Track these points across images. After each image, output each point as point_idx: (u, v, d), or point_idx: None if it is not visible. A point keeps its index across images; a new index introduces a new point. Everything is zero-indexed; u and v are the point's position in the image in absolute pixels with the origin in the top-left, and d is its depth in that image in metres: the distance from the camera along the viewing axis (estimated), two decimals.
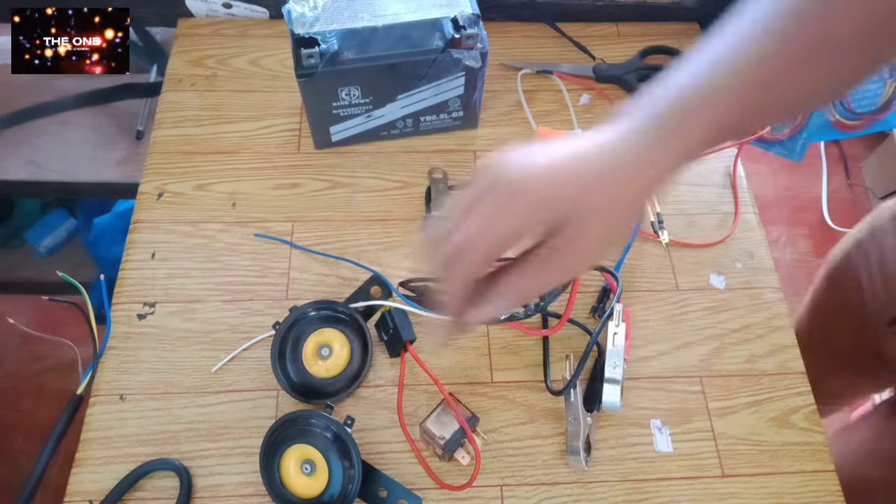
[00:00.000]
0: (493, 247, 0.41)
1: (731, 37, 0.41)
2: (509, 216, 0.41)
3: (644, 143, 0.41)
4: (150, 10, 0.87)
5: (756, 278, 0.73)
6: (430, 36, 0.68)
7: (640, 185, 0.41)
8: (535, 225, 0.42)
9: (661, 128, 0.41)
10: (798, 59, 0.39)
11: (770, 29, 0.39)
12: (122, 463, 0.59)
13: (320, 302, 0.65)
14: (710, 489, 0.61)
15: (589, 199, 0.41)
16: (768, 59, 0.39)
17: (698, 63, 0.41)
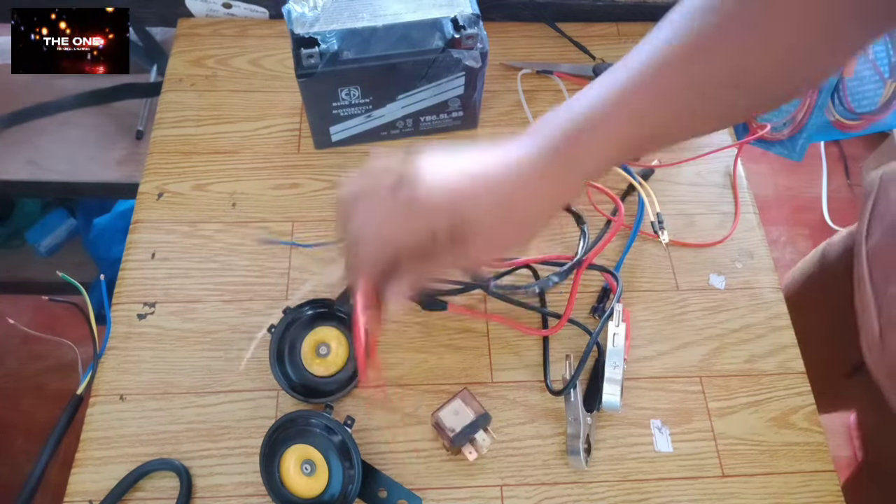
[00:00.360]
0: (380, 248, 0.46)
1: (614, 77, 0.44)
2: (401, 226, 0.45)
3: (540, 171, 0.45)
4: (150, 10, 0.87)
5: (756, 278, 0.73)
6: (430, 36, 0.68)
7: (531, 211, 0.47)
8: (424, 236, 0.45)
9: (556, 154, 0.45)
10: (664, 96, 0.44)
11: (643, 72, 0.43)
12: (122, 463, 0.59)
13: (315, 301, 0.65)
14: (709, 489, 0.61)
15: (480, 222, 0.45)
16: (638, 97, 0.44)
17: (589, 96, 0.45)
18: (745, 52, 0.42)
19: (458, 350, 0.66)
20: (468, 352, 0.67)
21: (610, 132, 0.44)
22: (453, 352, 0.66)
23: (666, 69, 0.43)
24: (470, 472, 0.61)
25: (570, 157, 0.44)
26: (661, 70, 0.43)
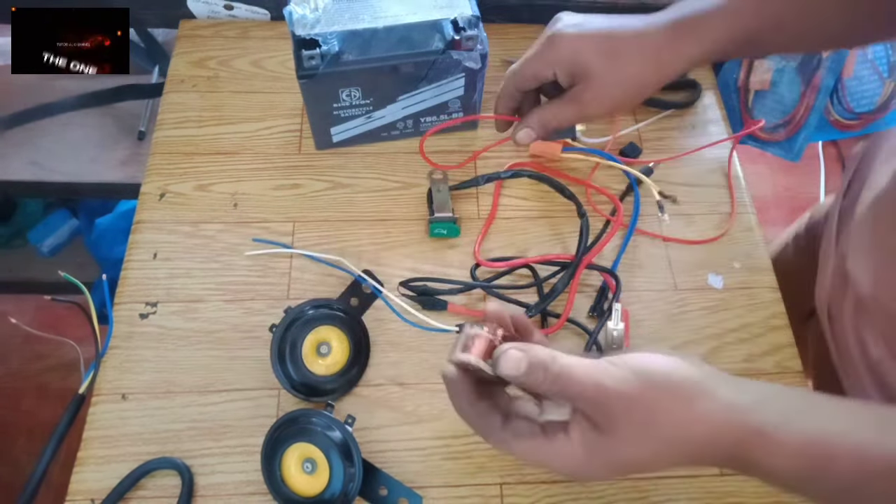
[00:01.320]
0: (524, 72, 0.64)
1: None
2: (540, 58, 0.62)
3: (657, 36, 0.59)
4: (152, 12, 0.87)
5: (754, 278, 0.73)
6: (430, 37, 0.69)
7: (645, 66, 0.60)
8: (548, 72, 0.62)
9: (677, 29, 0.59)
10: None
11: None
12: (124, 462, 0.60)
13: (316, 300, 0.65)
14: (708, 488, 0.62)
15: (594, 67, 0.60)
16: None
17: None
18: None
19: None
20: None
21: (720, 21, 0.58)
22: None
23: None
24: (470, 471, 0.61)
25: (687, 29, 0.58)
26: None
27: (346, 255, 0.70)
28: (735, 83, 0.86)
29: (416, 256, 0.72)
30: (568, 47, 0.61)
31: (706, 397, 0.41)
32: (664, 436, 0.41)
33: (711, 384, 0.41)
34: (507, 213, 0.75)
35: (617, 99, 0.63)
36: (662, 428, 0.41)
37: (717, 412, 0.41)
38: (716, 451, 0.42)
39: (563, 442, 0.42)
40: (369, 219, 0.74)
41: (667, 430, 0.41)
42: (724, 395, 0.41)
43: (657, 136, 0.82)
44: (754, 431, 0.40)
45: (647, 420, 0.41)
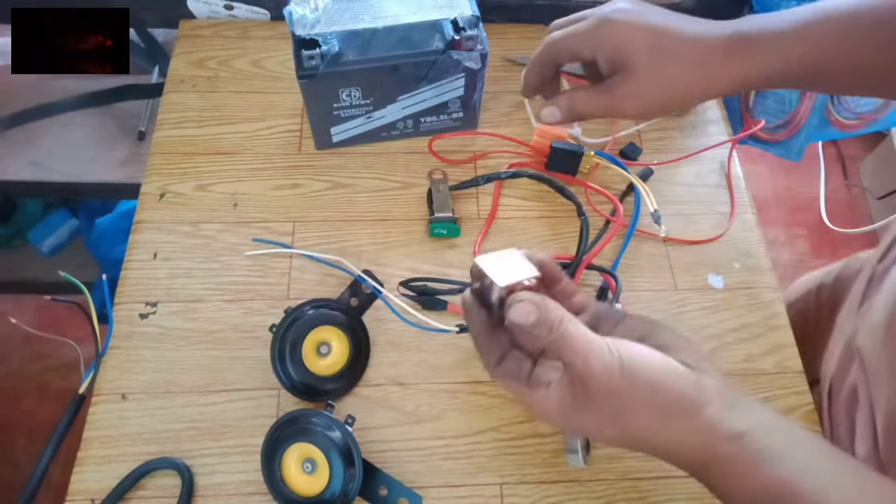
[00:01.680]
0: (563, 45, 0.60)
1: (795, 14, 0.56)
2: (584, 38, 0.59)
3: (718, 49, 0.56)
4: (152, 12, 0.87)
5: (754, 278, 0.73)
6: (430, 37, 0.69)
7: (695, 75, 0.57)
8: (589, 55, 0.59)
9: (735, 43, 0.56)
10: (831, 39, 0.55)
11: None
12: (124, 462, 0.60)
13: (316, 301, 0.65)
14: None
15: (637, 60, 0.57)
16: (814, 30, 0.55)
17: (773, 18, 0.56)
18: None
19: (458, 349, 0.67)
20: (468, 351, 0.67)
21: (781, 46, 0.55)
22: (453, 350, 0.67)
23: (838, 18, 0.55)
24: (470, 471, 0.61)
25: (746, 45, 0.55)
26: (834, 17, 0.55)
27: (346, 255, 0.70)
28: None
29: (416, 256, 0.72)
30: (616, 34, 0.57)
31: (687, 415, 0.42)
32: (627, 433, 0.43)
33: (698, 401, 0.42)
34: (507, 214, 0.75)
35: (653, 101, 0.59)
36: (628, 426, 0.42)
37: (690, 432, 0.42)
38: (678, 461, 0.43)
39: (543, 391, 0.43)
40: (369, 219, 0.74)
41: (631, 429, 0.43)
42: (709, 416, 0.41)
43: (657, 136, 0.82)
44: (725, 461, 0.41)
45: (617, 414, 0.42)
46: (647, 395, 0.41)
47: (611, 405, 0.42)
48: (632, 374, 0.41)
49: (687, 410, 0.41)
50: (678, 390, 0.42)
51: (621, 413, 0.42)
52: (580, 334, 0.42)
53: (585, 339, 0.42)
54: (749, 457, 0.41)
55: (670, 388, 0.42)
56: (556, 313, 0.42)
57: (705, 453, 0.42)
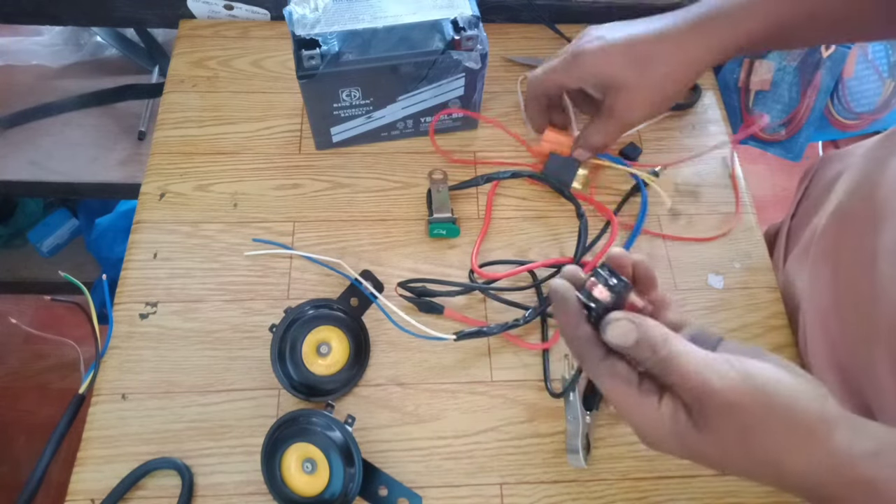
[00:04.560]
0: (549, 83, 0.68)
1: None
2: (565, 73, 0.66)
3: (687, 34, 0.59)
4: (152, 12, 0.87)
5: (754, 278, 0.73)
6: (430, 37, 0.69)
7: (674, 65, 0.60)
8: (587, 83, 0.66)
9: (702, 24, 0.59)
10: None
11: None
12: (124, 462, 0.60)
13: (316, 301, 0.65)
14: (708, 487, 0.62)
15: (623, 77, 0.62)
16: None
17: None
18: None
19: (458, 349, 0.67)
20: (468, 351, 0.67)
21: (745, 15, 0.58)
22: (453, 350, 0.67)
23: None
24: (470, 471, 0.61)
25: (711, 23, 0.58)
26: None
27: (346, 255, 0.70)
28: (735, 83, 0.86)
29: (415, 256, 0.72)
30: (592, 63, 0.63)
31: (818, 437, 0.38)
32: (755, 455, 0.39)
33: (829, 424, 0.39)
34: (507, 214, 0.75)
35: (653, 103, 0.65)
36: (756, 448, 0.39)
37: (825, 456, 0.38)
38: (807, 490, 0.39)
39: (653, 407, 0.40)
40: (369, 219, 0.74)
41: (760, 452, 0.39)
42: (840, 439, 0.38)
43: (657, 136, 0.82)
44: (863, 483, 0.38)
45: (744, 434, 0.38)
46: (782, 413, 0.38)
47: (735, 424, 0.38)
48: (761, 390, 0.38)
49: (822, 432, 0.38)
50: (812, 410, 0.38)
51: (749, 432, 0.38)
52: (689, 351, 0.39)
53: (697, 357, 0.38)
54: (890, 474, 0.38)
55: (805, 408, 0.38)
56: (657, 331, 0.39)
57: (843, 477, 0.38)
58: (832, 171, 0.74)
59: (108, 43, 1.14)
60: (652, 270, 0.45)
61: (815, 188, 0.78)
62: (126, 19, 0.89)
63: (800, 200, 0.80)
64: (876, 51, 0.81)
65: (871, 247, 0.57)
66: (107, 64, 1.14)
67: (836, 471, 0.38)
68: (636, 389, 0.41)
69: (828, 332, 0.64)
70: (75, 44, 1.15)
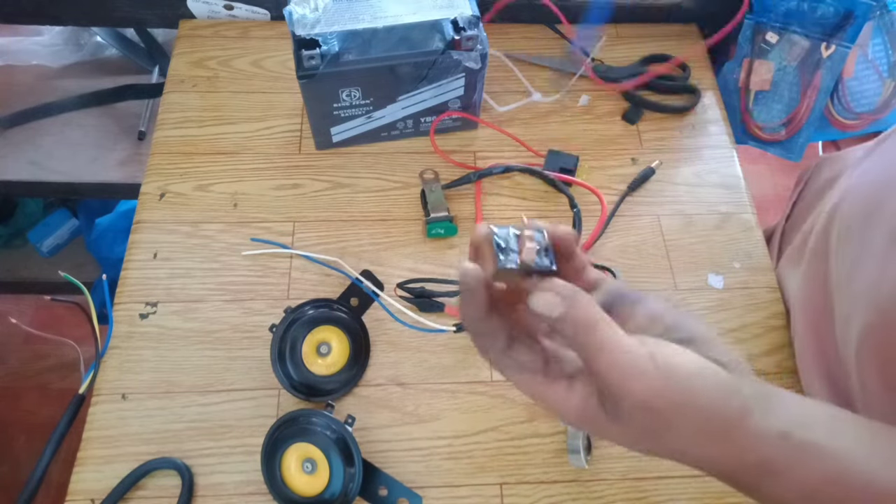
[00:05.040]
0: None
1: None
2: None
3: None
4: (152, 12, 0.87)
5: (754, 278, 0.73)
6: (430, 37, 0.69)
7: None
8: None
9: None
10: None
11: None
12: (124, 462, 0.60)
13: (316, 301, 0.65)
14: (708, 487, 0.62)
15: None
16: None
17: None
18: None
19: (458, 349, 0.67)
20: (468, 351, 0.67)
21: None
22: (453, 350, 0.67)
23: None
24: (470, 471, 0.61)
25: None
26: None
27: (346, 256, 0.70)
28: (735, 83, 0.86)
29: (415, 256, 0.72)
30: None
31: (730, 429, 0.37)
32: (663, 448, 0.38)
33: (743, 412, 0.37)
34: (500, 208, 0.75)
35: None
36: (665, 443, 0.38)
37: (733, 443, 0.37)
38: (717, 472, 0.39)
39: (562, 392, 0.38)
40: (369, 219, 0.74)
41: (668, 446, 0.38)
42: (749, 424, 0.37)
43: (657, 136, 0.82)
44: (766, 464, 0.38)
45: (653, 431, 0.37)
46: (691, 415, 0.36)
47: (646, 423, 0.37)
48: (680, 389, 0.36)
49: (732, 422, 0.37)
50: (723, 406, 0.37)
51: (658, 432, 0.37)
52: (615, 343, 0.36)
53: (621, 349, 0.36)
54: (795, 455, 0.37)
55: (717, 407, 0.37)
56: (588, 312, 0.36)
57: (749, 461, 0.38)
58: (827, 175, 0.75)
59: (108, 43, 1.14)
60: (573, 238, 0.41)
61: (809, 191, 0.78)
62: (126, 19, 0.89)
63: (794, 203, 0.79)
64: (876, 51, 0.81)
65: (858, 251, 0.57)
66: (107, 64, 1.14)
67: (741, 456, 0.38)
68: (542, 377, 0.39)
69: (818, 336, 0.64)
70: (75, 44, 1.15)
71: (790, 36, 0.80)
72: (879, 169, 0.60)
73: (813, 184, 0.77)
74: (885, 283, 0.53)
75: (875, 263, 0.55)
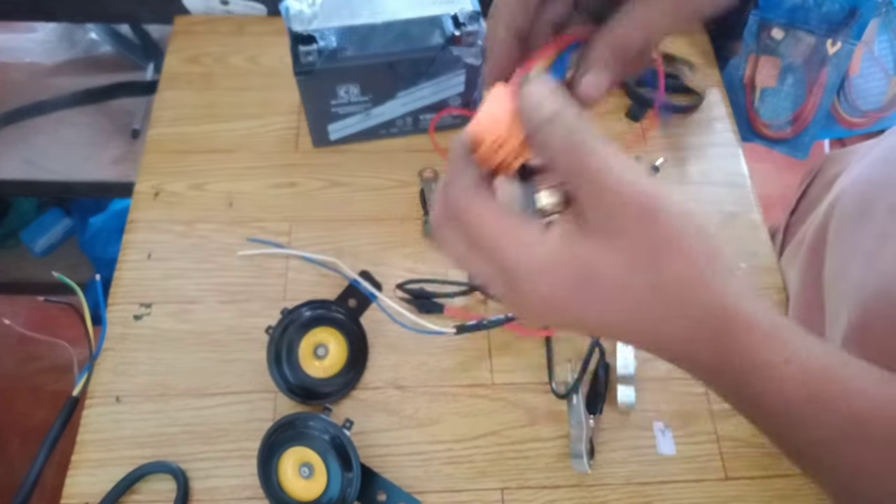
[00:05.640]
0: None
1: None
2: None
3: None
4: (147, 8, 0.86)
5: (760, 278, 0.72)
6: (429, 33, 0.68)
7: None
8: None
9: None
10: None
11: None
12: (119, 465, 0.59)
13: (313, 302, 0.64)
14: (713, 492, 0.61)
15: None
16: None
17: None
18: None
19: (458, 351, 0.66)
20: (468, 353, 0.66)
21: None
22: (453, 353, 0.66)
23: None
24: (470, 476, 0.60)
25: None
26: None
27: (343, 255, 0.69)
28: (741, 81, 0.85)
29: (414, 256, 0.71)
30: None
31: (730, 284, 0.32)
32: (664, 278, 0.31)
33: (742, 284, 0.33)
34: None
35: None
36: (669, 274, 0.31)
37: (730, 296, 0.32)
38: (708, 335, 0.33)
39: (535, 231, 0.32)
40: (368, 218, 0.73)
41: (674, 283, 0.32)
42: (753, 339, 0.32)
43: (662, 134, 0.81)
44: (765, 328, 0.32)
45: (654, 254, 0.31)
46: (693, 237, 0.31)
47: (641, 240, 0.31)
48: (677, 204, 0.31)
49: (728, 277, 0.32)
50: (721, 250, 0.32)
51: (655, 254, 0.31)
52: (612, 148, 0.31)
53: (617, 153, 0.31)
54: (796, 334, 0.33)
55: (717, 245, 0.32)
56: (581, 116, 0.31)
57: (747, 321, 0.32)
58: (832, 171, 0.74)
59: (102, 40, 1.13)
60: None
61: (814, 187, 0.78)
62: (121, 15, 0.88)
63: (799, 198, 0.79)
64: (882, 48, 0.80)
65: (848, 249, 0.57)
66: (101, 61, 1.13)
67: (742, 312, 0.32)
68: (514, 216, 0.33)
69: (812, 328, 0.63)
70: (69, 41, 1.14)
71: (796, 32, 0.79)
72: (874, 168, 0.60)
73: (819, 180, 0.77)
74: (869, 281, 0.53)
75: (862, 262, 0.55)
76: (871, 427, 0.33)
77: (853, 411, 0.33)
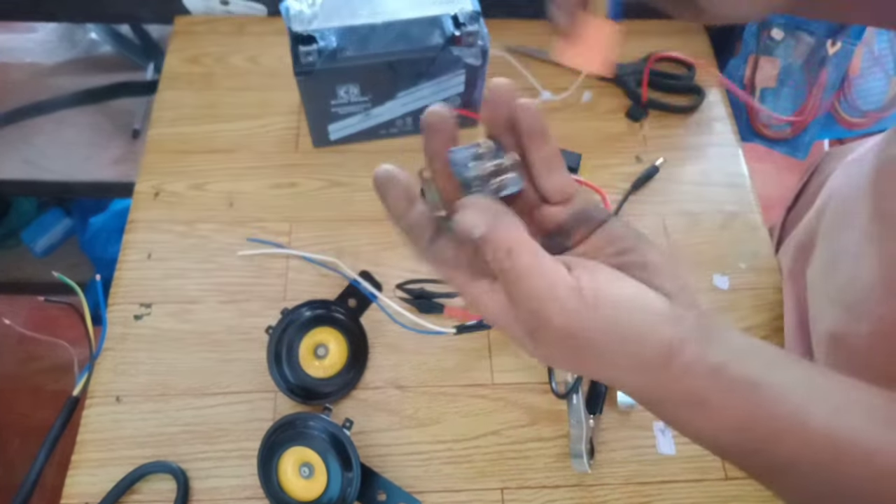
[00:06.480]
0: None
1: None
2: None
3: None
4: (147, 8, 0.86)
5: (760, 279, 0.72)
6: (429, 33, 0.68)
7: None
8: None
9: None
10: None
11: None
12: (119, 465, 0.59)
13: (313, 302, 0.64)
14: (713, 492, 0.61)
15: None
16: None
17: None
18: None
19: (458, 351, 0.66)
20: (468, 353, 0.66)
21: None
22: (453, 353, 0.66)
23: None
24: (470, 476, 0.60)
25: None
26: None
27: (343, 255, 0.69)
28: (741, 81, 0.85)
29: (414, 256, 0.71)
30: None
31: (661, 363, 0.35)
32: (588, 374, 0.38)
33: (676, 346, 0.35)
34: None
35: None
36: (588, 369, 0.36)
37: (666, 376, 0.35)
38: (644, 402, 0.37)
39: (485, 291, 0.36)
40: (368, 218, 0.73)
41: (593, 373, 0.36)
42: (686, 357, 0.35)
43: (662, 133, 0.81)
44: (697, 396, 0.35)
45: (577, 356, 0.35)
46: (616, 343, 0.34)
47: (565, 349, 0.35)
48: (599, 319, 0.34)
49: (660, 352, 0.35)
50: (651, 335, 0.34)
51: (579, 357, 0.35)
52: (538, 268, 0.33)
53: (542, 273, 0.33)
54: (725, 388, 0.35)
55: (644, 335, 0.34)
56: (510, 235, 0.33)
57: (676, 392, 0.36)
58: (830, 168, 0.74)
59: (102, 40, 1.13)
60: (542, 121, 0.37)
61: (813, 184, 0.78)
62: (121, 15, 0.88)
63: (798, 195, 0.79)
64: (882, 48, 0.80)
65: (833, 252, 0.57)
66: (101, 61, 1.13)
67: (668, 386, 0.35)
68: (467, 273, 0.37)
69: (804, 330, 0.64)
70: (70, 41, 1.14)
71: (796, 32, 0.79)
72: (863, 171, 0.60)
73: (818, 176, 0.77)
74: (854, 284, 0.53)
75: (848, 266, 0.55)
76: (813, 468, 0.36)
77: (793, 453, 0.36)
